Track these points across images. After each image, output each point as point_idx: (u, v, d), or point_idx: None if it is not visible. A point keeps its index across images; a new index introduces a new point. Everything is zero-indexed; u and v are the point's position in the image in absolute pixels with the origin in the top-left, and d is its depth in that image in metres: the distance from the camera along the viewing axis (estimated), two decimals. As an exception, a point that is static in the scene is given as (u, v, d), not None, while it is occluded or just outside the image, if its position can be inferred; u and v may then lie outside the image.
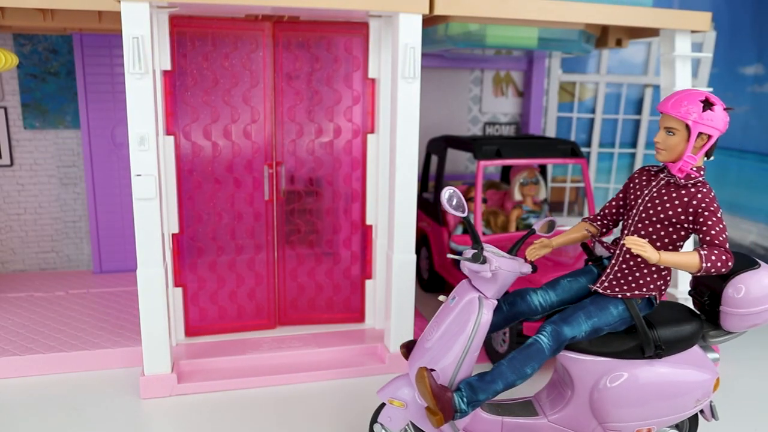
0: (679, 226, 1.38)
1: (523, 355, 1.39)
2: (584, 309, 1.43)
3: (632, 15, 2.12)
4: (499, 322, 1.52)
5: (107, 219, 2.78)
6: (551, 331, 1.40)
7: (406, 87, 1.91)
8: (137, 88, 1.71)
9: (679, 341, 1.46)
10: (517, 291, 1.54)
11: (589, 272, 1.54)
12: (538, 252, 1.56)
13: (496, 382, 1.39)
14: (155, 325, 1.85)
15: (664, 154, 1.39)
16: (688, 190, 1.37)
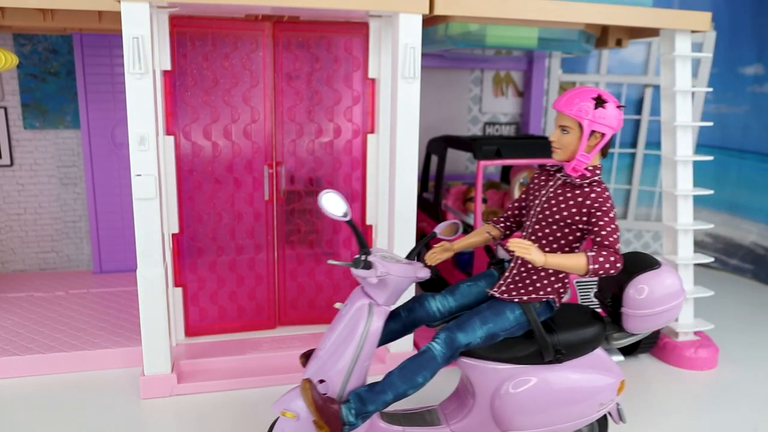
0: (575, 227, 1.36)
1: (414, 364, 1.34)
2: (480, 314, 1.39)
3: (632, 15, 2.12)
4: (398, 329, 1.48)
5: (107, 219, 2.78)
6: (445, 338, 1.35)
7: (406, 87, 1.91)
8: (137, 88, 1.71)
9: (580, 345, 1.42)
10: (415, 297, 1.50)
11: (489, 276, 1.51)
12: (438, 256, 1.51)
13: (385, 393, 1.34)
14: (155, 325, 1.85)
15: (559, 152, 1.36)
16: (583, 190, 1.35)
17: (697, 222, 2.25)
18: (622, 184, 3.48)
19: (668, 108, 2.23)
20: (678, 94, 2.20)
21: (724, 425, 1.83)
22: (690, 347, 2.17)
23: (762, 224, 3.18)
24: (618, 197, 3.50)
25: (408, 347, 2.09)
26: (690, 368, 2.16)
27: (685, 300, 2.22)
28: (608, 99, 1.34)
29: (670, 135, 2.23)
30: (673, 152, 2.22)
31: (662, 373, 2.14)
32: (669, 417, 1.86)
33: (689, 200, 2.23)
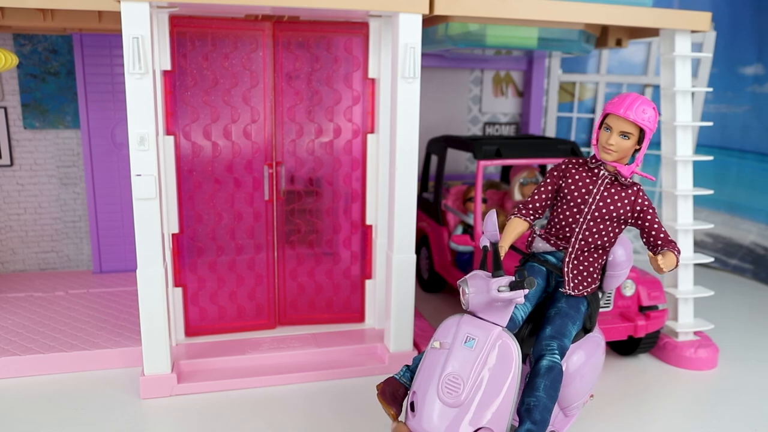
0: (622, 222, 1.52)
1: (552, 380, 1.41)
2: (567, 316, 1.50)
3: (632, 15, 2.12)
4: None
5: (107, 219, 2.78)
6: (558, 347, 1.44)
7: (406, 87, 1.91)
8: (137, 88, 1.71)
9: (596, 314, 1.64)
10: None
11: (539, 271, 1.59)
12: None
13: (545, 419, 1.38)
14: (155, 325, 1.85)
15: (614, 155, 1.47)
16: (633, 190, 1.52)
17: (697, 222, 2.25)
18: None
19: (668, 108, 2.23)
20: (678, 94, 2.20)
21: (724, 425, 1.83)
22: (690, 347, 2.17)
23: (762, 224, 3.17)
24: (618, 197, 3.50)
25: (408, 347, 2.09)
26: (690, 368, 2.16)
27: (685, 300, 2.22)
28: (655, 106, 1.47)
29: (670, 135, 2.23)
30: (673, 152, 2.22)
31: (662, 373, 2.14)
32: (669, 417, 1.86)
33: (689, 200, 2.23)
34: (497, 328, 1.31)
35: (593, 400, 1.93)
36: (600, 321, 2.03)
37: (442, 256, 2.65)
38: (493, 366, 1.28)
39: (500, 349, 1.29)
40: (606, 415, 1.86)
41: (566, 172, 1.56)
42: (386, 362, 2.07)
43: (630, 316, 2.07)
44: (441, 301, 2.76)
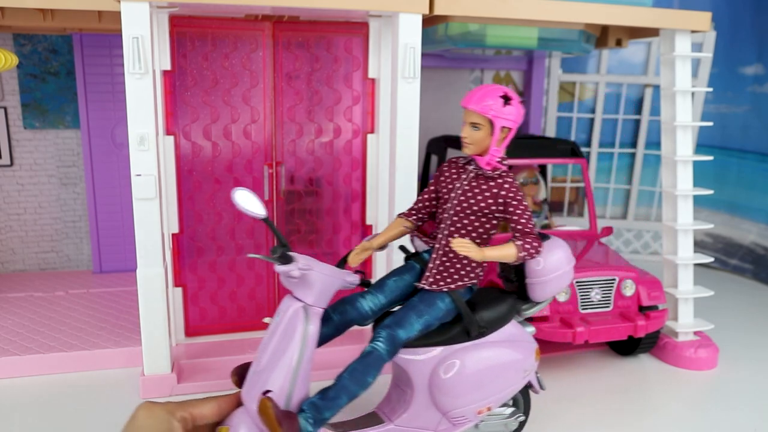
0: (491, 216, 1.47)
1: (363, 365, 1.38)
2: (414, 308, 1.45)
3: (632, 15, 2.12)
4: (330, 332, 1.50)
5: (107, 219, 2.78)
6: (387, 335, 1.40)
7: (406, 87, 1.91)
8: (137, 88, 1.71)
9: (498, 319, 1.56)
10: (345, 298, 1.53)
11: (411, 269, 1.57)
12: (359, 256, 1.55)
13: (340, 397, 1.36)
14: (155, 325, 1.85)
15: (471, 147, 1.46)
16: (496, 182, 1.45)
17: (697, 222, 2.25)
18: (622, 184, 3.48)
19: (668, 108, 2.23)
20: (678, 94, 2.20)
21: (724, 425, 1.83)
22: (690, 347, 2.17)
23: (762, 224, 3.17)
24: (618, 197, 3.50)
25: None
26: (690, 368, 2.16)
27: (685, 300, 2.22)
28: (513, 96, 1.44)
29: (670, 135, 2.23)
30: (673, 152, 2.22)
31: (662, 373, 2.14)
32: (669, 417, 1.86)
33: (689, 200, 2.23)
34: (297, 303, 1.36)
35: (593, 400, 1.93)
36: (600, 321, 2.03)
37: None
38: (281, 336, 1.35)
39: (289, 320, 1.36)
40: (606, 415, 1.86)
41: (441, 173, 1.55)
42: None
43: (630, 316, 2.07)
44: (441, 301, 2.76)
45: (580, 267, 2.09)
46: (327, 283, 1.38)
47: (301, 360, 1.34)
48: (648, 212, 3.49)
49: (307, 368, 1.35)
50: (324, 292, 1.39)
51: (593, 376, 2.11)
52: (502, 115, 1.41)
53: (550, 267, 1.54)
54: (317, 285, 1.37)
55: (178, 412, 1.20)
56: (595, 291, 2.08)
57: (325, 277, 1.37)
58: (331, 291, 1.40)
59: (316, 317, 1.37)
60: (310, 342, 1.35)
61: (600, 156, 3.45)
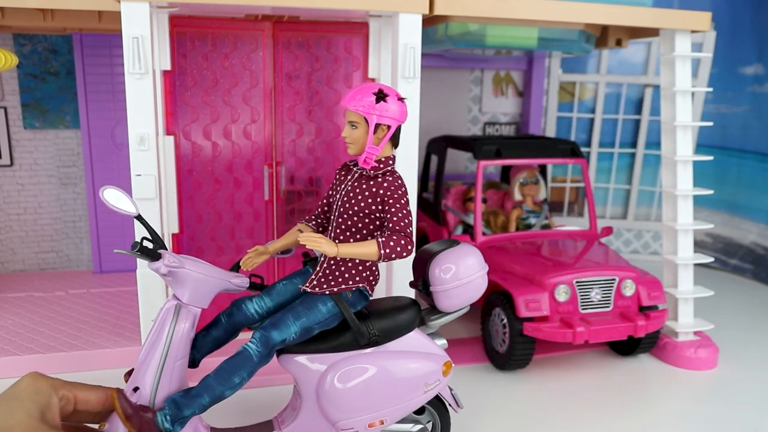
0: (373, 216, 1.42)
1: (230, 365, 1.36)
2: (292, 310, 1.41)
3: (632, 15, 2.12)
4: (221, 336, 1.50)
5: (107, 219, 2.78)
6: (260, 337, 1.38)
7: (406, 87, 1.91)
8: (137, 88, 1.71)
9: (395, 328, 1.47)
10: (233, 301, 1.52)
11: (304, 273, 1.54)
12: (253, 260, 1.53)
13: (201, 396, 1.34)
14: (155, 325, 1.85)
15: (352, 147, 1.42)
16: (377, 181, 1.41)
17: (697, 222, 2.25)
18: (622, 184, 3.48)
19: (668, 108, 2.23)
20: (678, 94, 2.20)
21: (724, 425, 1.83)
22: (690, 347, 2.17)
23: (762, 224, 3.17)
24: (618, 197, 3.50)
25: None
26: (690, 368, 2.16)
27: (685, 300, 2.22)
28: (389, 93, 1.40)
29: (670, 135, 2.23)
30: (673, 152, 2.22)
31: (662, 373, 2.14)
32: (669, 417, 1.86)
33: (689, 200, 2.23)
34: (173, 301, 1.36)
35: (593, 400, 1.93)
36: (600, 321, 2.03)
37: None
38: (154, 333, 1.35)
39: (162, 317, 1.35)
40: (606, 415, 1.86)
41: (335, 177, 1.53)
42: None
43: (630, 316, 2.07)
44: (441, 301, 2.76)
45: (580, 267, 2.10)
46: (203, 283, 1.36)
47: (165, 358, 1.32)
48: (648, 212, 3.50)
49: (173, 366, 1.33)
50: (200, 291, 1.36)
51: (593, 375, 2.11)
52: (376, 112, 1.37)
53: (455, 275, 1.46)
54: (190, 284, 1.35)
55: (61, 389, 1.17)
56: (595, 291, 2.08)
57: (200, 276, 1.35)
58: (211, 291, 1.38)
59: (190, 316, 1.36)
60: (177, 339, 1.33)
61: (600, 156, 3.45)
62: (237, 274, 1.43)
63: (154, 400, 1.32)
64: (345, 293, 1.44)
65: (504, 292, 2.10)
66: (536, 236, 2.44)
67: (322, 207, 1.57)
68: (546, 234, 2.46)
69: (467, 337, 2.36)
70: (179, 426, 1.32)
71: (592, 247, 2.36)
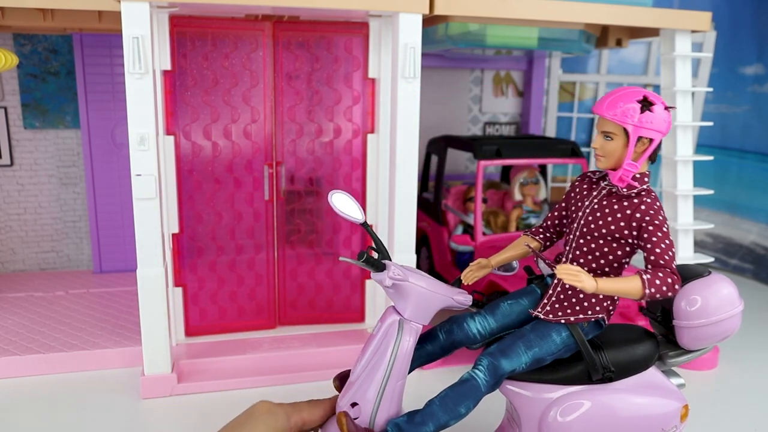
0: (623, 242, 1.26)
1: (456, 393, 1.25)
2: (524, 338, 1.29)
3: (632, 15, 2.12)
4: (436, 351, 1.39)
5: (107, 219, 2.78)
6: (488, 365, 1.26)
7: (406, 87, 1.91)
8: (137, 88, 1.71)
9: (631, 363, 1.33)
10: (453, 318, 1.41)
11: (531, 293, 1.41)
12: (474, 274, 1.42)
13: (426, 424, 1.24)
14: (155, 325, 1.85)
15: (603, 161, 1.27)
16: (631, 201, 1.25)
17: (697, 222, 2.25)
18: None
19: (668, 108, 2.23)
20: (678, 94, 2.20)
21: (724, 425, 1.83)
22: (690, 347, 2.17)
23: (762, 224, 3.17)
24: (618, 197, 3.50)
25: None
26: (690, 368, 2.16)
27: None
28: (655, 100, 1.22)
29: (670, 135, 2.23)
30: (673, 152, 2.22)
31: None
32: (669, 417, 1.86)
33: (689, 200, 2.23)
34: (395, 316, 1.29)
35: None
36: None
37: (442, 256, 2.65)
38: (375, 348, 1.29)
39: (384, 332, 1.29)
40: (606, 415, 1.86)
41: (573, 188, 1.37)
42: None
43: (630, 316, 2.06)
44: (441, 301, 2.76)
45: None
46: (426, 298, 1.28)
47: (389, 376, 1.25)
48: (648, 212, 3.49)
49: (395, 386, 1.26)
50: (423, 307, 1.28)
51: (593, 376, 2.11)
52: (639, 124, 1.20)
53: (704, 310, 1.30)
54: (413, 298, 1.27)
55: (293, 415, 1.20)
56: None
57: (423, 291, 1.27)
58: (433, 307, 1.29)
59: (413, 333, 1.27)
60: (401, 358, 1.25)
61: (600, 156, 3.45)
62: (461, 291, 1.32)
63: (374, 420, 1.26)
64: (581, 323, 1.31)
65: (504, 292, 2.10)
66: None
67: (552, 220, 1.42)
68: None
69: (467, 337, 2.36)
70: None
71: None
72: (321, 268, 2.27)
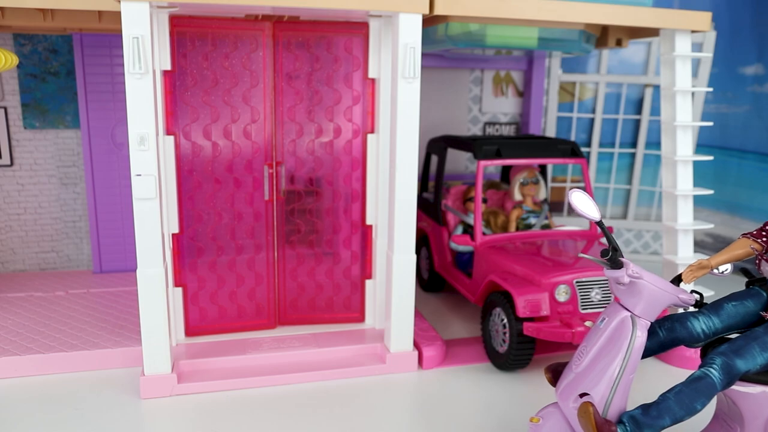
0: None
1: (691, 389, 1.30)
2: (758, 339, 1.31)
3: (632, 15, 2.12)
4: (654, 348, 1.44)
5: (107, 219, 2.78)
6: (722, 364, 1.29)
7: (406, 87, 1.91)
8: (137, 88, 1.71)
9: None
10: (675, 316, 1.45)
11: (756, 295, 1.42)
12: (694, 274, 1.45)
13: (662, 417, 1.29)
14: (155, 325, 1.86)
15: None
16: None
17: (697, 222, 2.25)
18: (622, 184, 3.48)
19: (668, 108, 2.23)
20: (678, 94, 2.20)
21: (724, 425, 1.83)
22: (690, 347, 2.17)
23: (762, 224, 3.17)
24: (618, 197, 3.50)
25: (408, 347, 2.08)
26: (691, 368, 2.15)
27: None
28: None
29: (670, 135, 2.23)
30: (673, 152, 2.22)
31: (663, 373, 2.14)
32: (669, 417, 1.86)
33: (689, 200, 2.23)
34: (625, 312, 1.35)
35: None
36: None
37: (442, 256, 2.65)
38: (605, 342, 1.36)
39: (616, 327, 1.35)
40: (606, 415, 1.86)
41: None
42: (386, 362, 2.07)
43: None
44: (441, 301, 2.76)
45: (580, 267, 2.10)
46: (656, 296, 1.34)
47: (624, 370, 1.33)
48: (648, 212, 3.49)
49: (628, 379, 1.33)
50: (652, 304, 1.34)
51: (593, 376, 2.10)
52: None
53: None
54: (645, 295, 1.33)
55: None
56: (595, 291, 2.08)
57: (655, 289, 1.33)
58: (660, 305, 1.35)
59: (644, 329, 1.34)
60: (635, 353, 1.33)
61: (600, 156, 3.45)
62: (683, 290, 1.37)
63: (607, 411, 1.33)
64: None
65: (504, 292, 2.10)
66: (536, 236, 2.44)
67: None
68: (546, 234, 2.46)
69: (467, 337, 2.36)
70: None
71: (592, 248, 2.36)
72: (321, 268, 2.27)
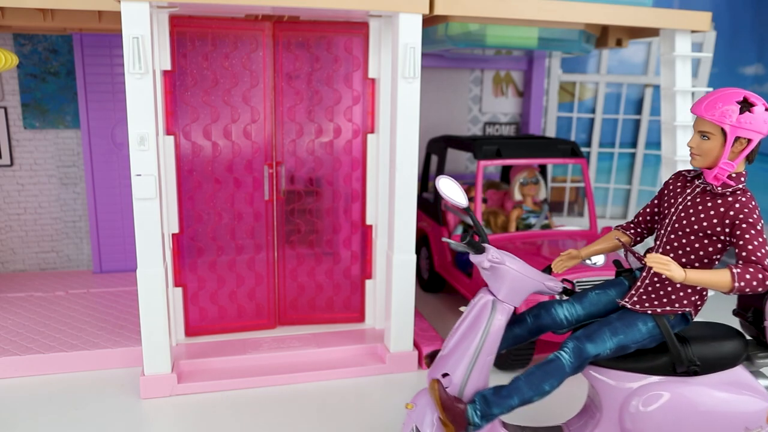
0: (716, 239, 1.27)
1: (542, 371, 1.33)
2: (610, 325, 1.34)
3: (632, 15, 2.12)
4: (523, 335, 1.47)
5: (107, 219, 2.78)
6: (573, 347, 1.32)
7: (406, 87, 1.91)
8: (137, 88, 1.71)
9: (717, 359, 1.34)
10: (541, 303, 1.48)
11: (619, 284, 1.46)
12: (565, 264, 1.49)
13: (511, 397, 1.33)
14: (155, 325, 1.86)
15: (699, 159, 1.28)
16: (725, 199, 1.26)
17: (697, 222, 2.25)
18: (622, 184, 3.48)
19: (668, 108, 2.23)
20: (678, 94, 2.20)
21: (724, 425, 1.83)
22: (690, 347, 2.17)
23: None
24: (618, 197, 3.50)
25: (408, 347, 2.09)
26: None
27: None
28: (756, 101, 1.26)
29: (670, 135, 2.23)
30: (673, 152, 2.22)
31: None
32: (669, 417, 1.86)
33: (689, 200, 2.23)
34: (488, 296, 1.38)
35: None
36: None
37: (442, 256, 2.65)
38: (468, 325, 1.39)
39: (478, 311, 1.38)
40: (606, 415, 1.86)
41: (666, 186, 1.40)
42: (386, 362, 2.07)
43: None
44: (441, 301, 2.76)
45: (580, 267, 2.10)
46: (520, 281, 1.36)
47: (480, 350, 1.35)
48: (648, 212, 3.49)
49: (485, 360, 1.36)
50: (516, 289, 1.37)
51: (593, 376, 2.10)
52: (737, 124, 1.23)
53: None
54: (508, 280, 1.36)
55: None
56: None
57: (517, 275, 1.36)
58: (525, 291, 1.38)
59: (504, 313, 1.37)
60: (492, 335, 1.36)
61: (600, 156, 3.45)
62: (551, 277, 1.41)
63: (463, 390, 1.36)
64: (668, 315, 1.34)
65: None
66: (536, 236, 2.44)
67: (644, 216, 1.47)
68: (546, 234, 2.46)
69: (467, 337, 2.36)
70: (485, 422, 1.34)
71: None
72: (321, 268, 2.27)
